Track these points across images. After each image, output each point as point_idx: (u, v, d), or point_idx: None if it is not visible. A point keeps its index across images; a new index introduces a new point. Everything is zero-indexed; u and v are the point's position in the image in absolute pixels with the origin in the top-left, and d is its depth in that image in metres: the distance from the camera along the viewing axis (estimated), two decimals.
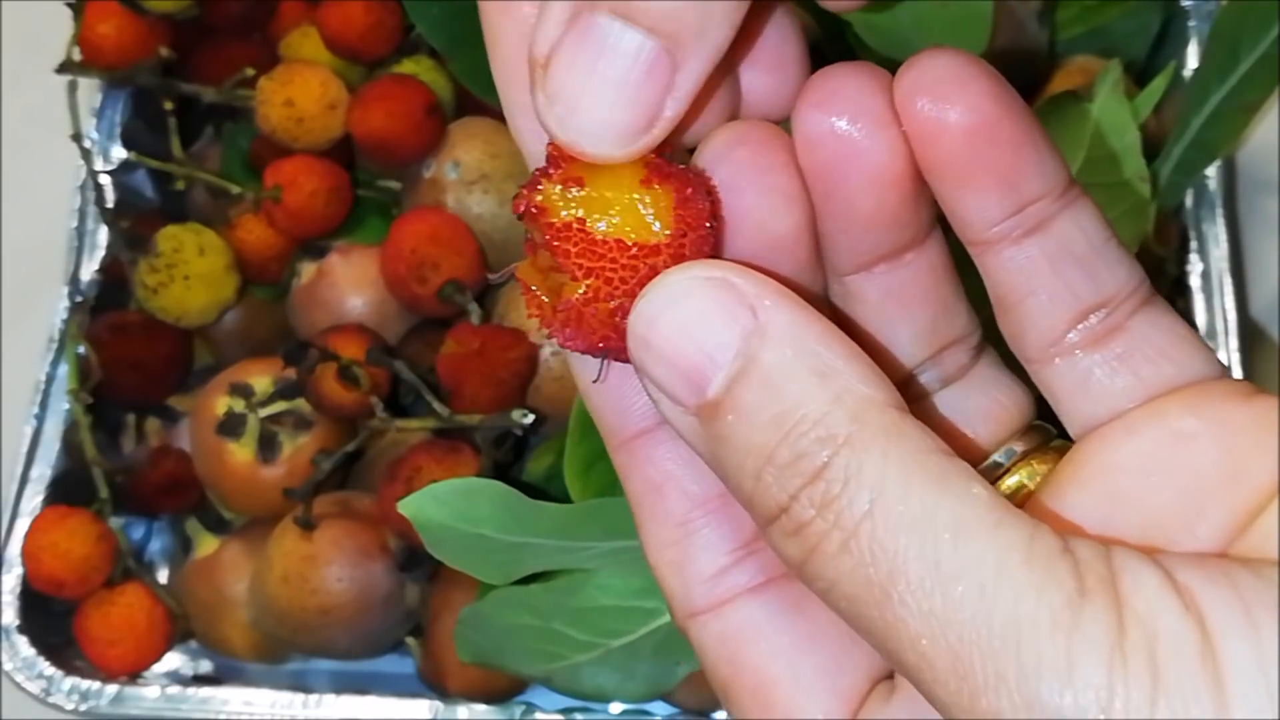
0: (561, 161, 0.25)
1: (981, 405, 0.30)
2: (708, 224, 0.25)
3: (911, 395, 0.29)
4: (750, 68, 0.27)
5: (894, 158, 0.26)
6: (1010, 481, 0.29)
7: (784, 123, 0.27)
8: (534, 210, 0.25)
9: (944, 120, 0.25)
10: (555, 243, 0.25)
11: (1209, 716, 0.19)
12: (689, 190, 0.25)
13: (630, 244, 0.25)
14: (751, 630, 0.27)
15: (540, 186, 0.25)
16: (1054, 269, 0.26)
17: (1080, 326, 0.27)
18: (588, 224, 0.25)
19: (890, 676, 0.27)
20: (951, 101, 0.25)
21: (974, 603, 0.20)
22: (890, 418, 0.23)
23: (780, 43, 0.27)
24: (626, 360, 0.25)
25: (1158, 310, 0.27)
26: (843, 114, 0.25)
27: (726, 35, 0.24)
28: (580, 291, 0.25)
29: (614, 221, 0.25)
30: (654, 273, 0.25)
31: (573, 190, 0.25)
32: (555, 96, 0.24)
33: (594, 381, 0.27)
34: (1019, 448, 0.29)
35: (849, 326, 0.27)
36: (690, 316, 0.24)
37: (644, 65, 0.24)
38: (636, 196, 0.25)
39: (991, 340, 0.30)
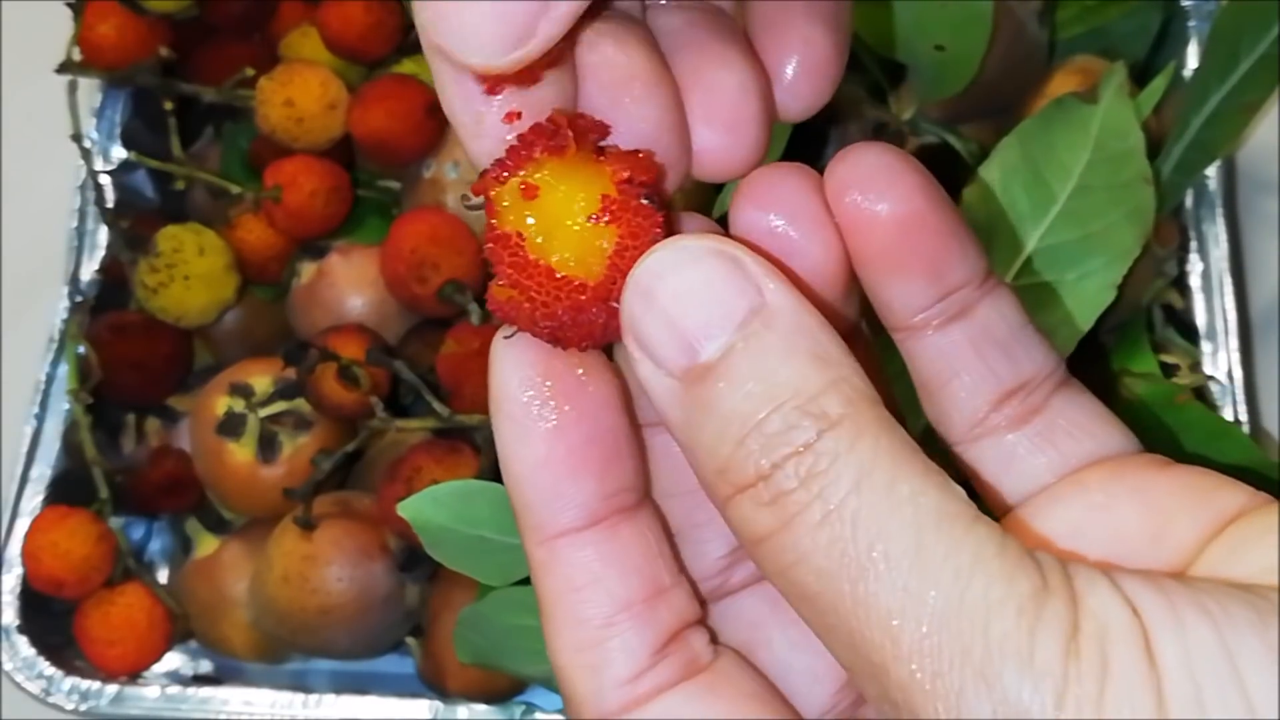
0: (523, 161, 0.25)
1: None
2: None
3: None
4: (707, 125, 0.27)
5: (828, 256, 0.27)
6: None
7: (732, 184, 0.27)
8: (488, 200, 0.26)
9: (875, 212, 0.26)
10: (491, 245, 0.25)
11: (1149, 703, 0.20)
12: (634, 234, 0.25)
13: (559, 275, 0.25)
14: (673, 717, 0.26)
15: (499, 181, 0.25)
16: (977, 353, 0.28)
17: (1002, 408, 0.28)
18: (525, 242, 0.25)
19: None
20: (882, 194, 0.26)
21: (949, 583, 0.21)
22: (881, 413, 0.23)
23: (739, 101, 0.27)
24: (556, 339, 0.25)
25: (1074, 389, 0.29)
26: (780, 213, 0.26)
27: None
28: (506, 294, 0.25)
29: (551, 246, 0.25)
30: (575, 307, 0.25)
31: (522, 200, 0.25)
32: (439, 12, 0.24)
33: (504, 337, 0.26)
34: None
35: None
36: (698, 280, 0.24)
37: None
38: (581, 227, 0.25)
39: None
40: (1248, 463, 0.48)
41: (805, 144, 0.63)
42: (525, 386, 0.26)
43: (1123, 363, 0.56)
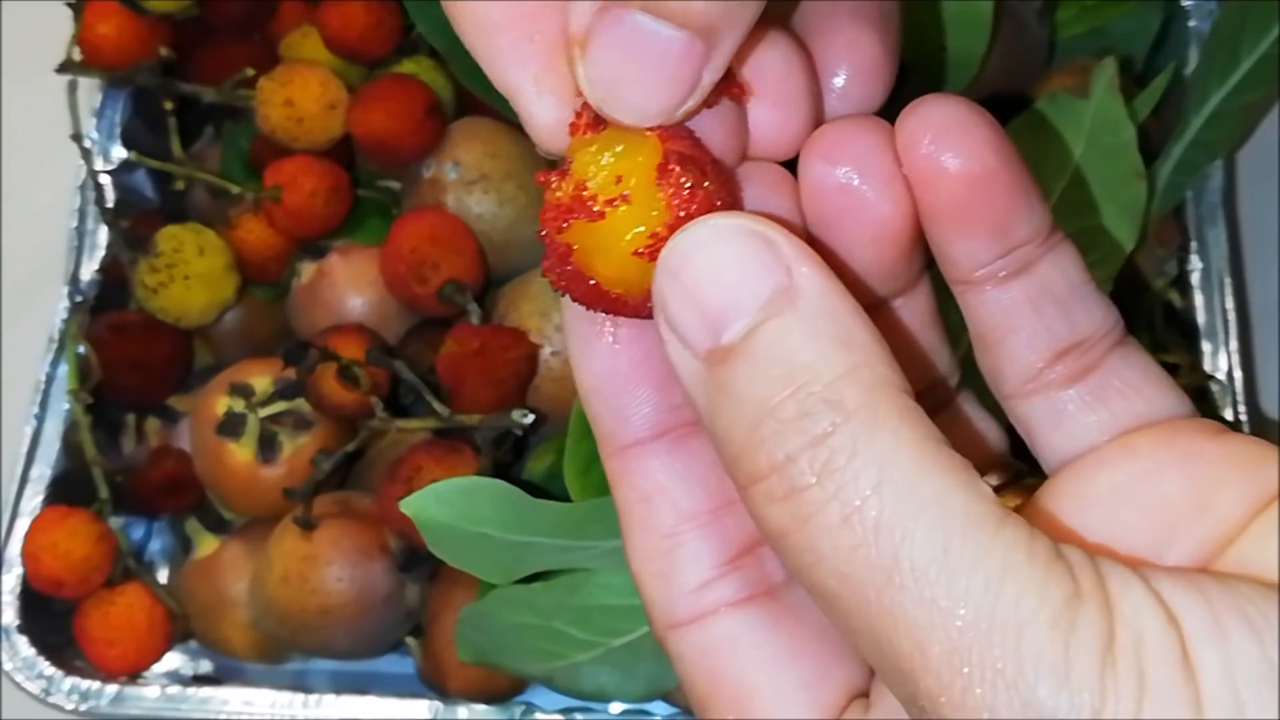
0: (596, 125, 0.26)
1: (958, 441, 0.30)
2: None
3: None
4: (757, 103, 0.27)
5: (896, 212, 0.26)
6: None
7: (790, 162, 0.27)
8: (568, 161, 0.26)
9: (946, 167, 0.26)
10: (545, 234, 0.26)
11: (1189, 718, 0.20)
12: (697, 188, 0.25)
13: (599, 287, 0.26)
14: (733, 642, 0.27)
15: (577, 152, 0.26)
16: (1035, 310, 0.27)
17: (1056, 365, 0.28)
18: (574, 253, 0.25)
19: (866, 694, 0.27)
20: (954, 149, 0.26)
21: (979, 594, 0.21)
22: (904, 402, 0.23)
23: (786, 77, 0.27)
24: (596, 305, 0.26)
25: (1131, 349, 0.28)
26: (850, 167, 0.26)
27: (752, 18, 0.24)
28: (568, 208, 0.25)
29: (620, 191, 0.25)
30: (624, 301, 0.26)
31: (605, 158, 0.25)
32: (597, 80, 0.24)
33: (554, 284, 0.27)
34: (992, 482, 0.30)
35: None
36: (725, 260, 0.24)
37: (679, 53, 0.24)
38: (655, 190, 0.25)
39: (968, 377, 0.30)
40: None
41: None
42: None
43: None
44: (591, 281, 0.25)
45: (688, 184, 0.25)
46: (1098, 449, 0.27)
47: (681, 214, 0.25)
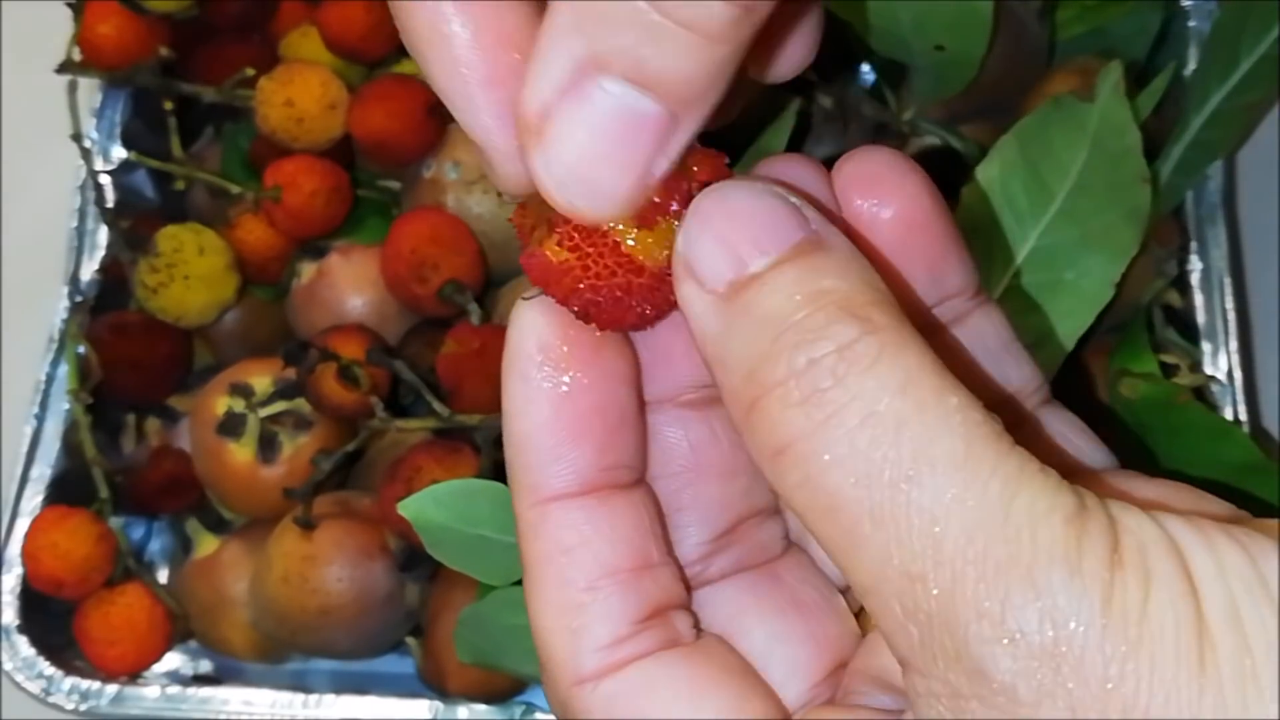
0: None
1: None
2: None
3: None
4: None
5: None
6: None
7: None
8: None
9: (880, 213, 0.26)
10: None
11: (1189, 611, 0.20)
12: None
13: (623, 250, 0.25)
14: (648, 685, 0.26)
15: None
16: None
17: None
18: None
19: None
20: (888, 197, 0.26)
21: (996, 492, 0.21)
22: (923, 339, 0.23)
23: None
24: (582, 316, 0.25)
25: (1057, 406, 0.29)
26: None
27: (722, 93, 0.24)
28: (559, 256, 0.25)
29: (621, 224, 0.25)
30: (624, 287, 0.25)
31: None
32: (553, 161, 0.24)
33: (525, 298, 0.27)
34: None
35: None
36: (760, 207, 0.24)
37: (648, 128, 0.24)
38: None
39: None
40: (1248, 463, 0.48)
41: (801, 143, 0.63)
42: (542, 348, 0.26)
43: (1123, 363, 0.56)
44: (623, 250, 0.25)
45: (705, 156, 0.25)
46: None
47: (705, 177, 0.25)
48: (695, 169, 0.25)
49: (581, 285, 0.25)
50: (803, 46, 0.29)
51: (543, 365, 0.26)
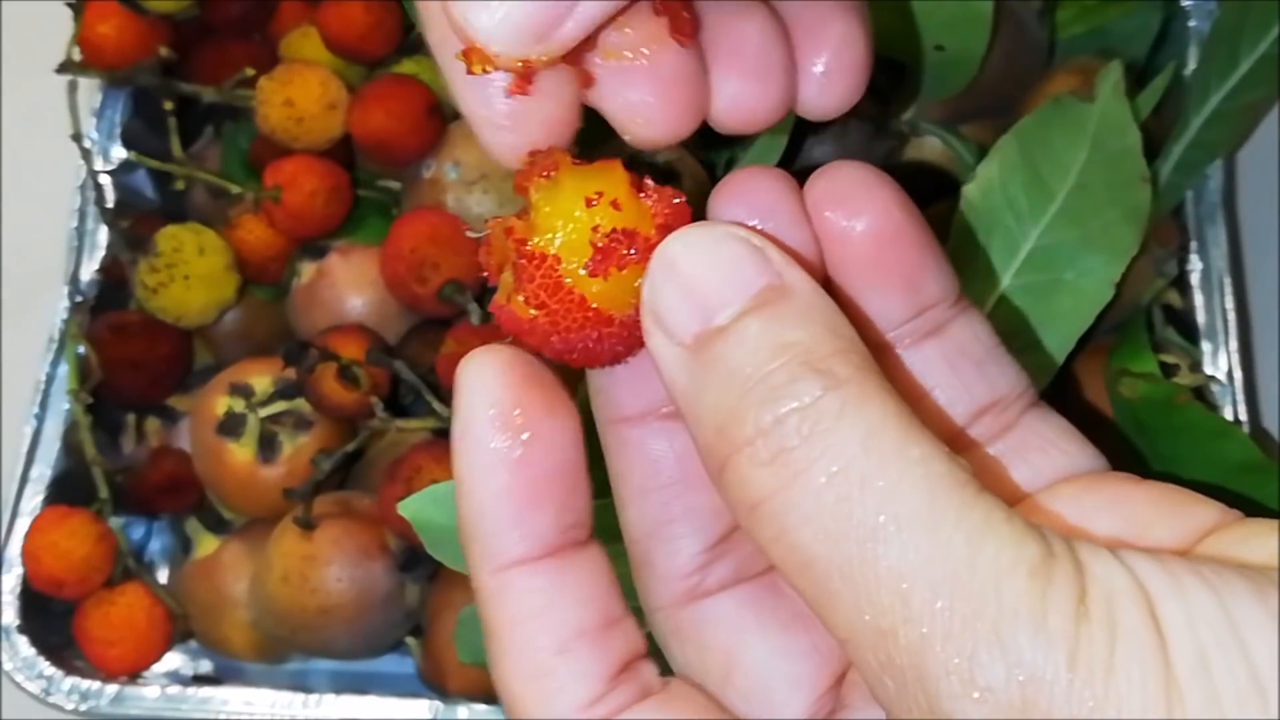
0: (550, 162, 0.26)
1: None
2: None
3: None
4: (730, 73, 0.27)
5: (805, 255, 0.27)
6: None
7: (760, 135, 0.28)
8: (527, 203, 0.26)
9: (852, 226, 0.27)
10: (522, 261, 0.26)
11: (1157, 663, 0.20)
12: None
13: (591, 307, 0.25)
14: None
15: (541, 174, 0.26)
16: (951, 369, 0.28)
17: (976, 424, 0.28)
18: (561, 265, 0.25)
19: None
20: (859, 209, 0.27)
21: (961, 545, 0.21)
22: (888, 385, 0.23)
23: (764, 49, 0.27)
24: (567, 359, 0.26)
25: (1044, 409, 0.29)
26: (758, 211, 0.27)
27: None
28: (527, 313, 0.26)
29: (582, 276, 0.25)
30: (598, 339, 0.26)
31: (558, 220, 0.26)
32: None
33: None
34: None
35: None
36: (724, 256, 0.24)
37: None
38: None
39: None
40: (1248, 463, 0.48)
41: (801, 143, 0.63)
42: (496, 412, 0.25)
43: (1123, 363, 0.56)
44: (590, 304, 0.25)
45: (660, 197, 0.26)
46: (1024, 501, 0.28)
47: (663, 220, 0.26)
48: (653, 213, 0.26)
49: (553, 339, 0.26)
50: (846, 75, 0.29)
51: (498, 429, 0.25)
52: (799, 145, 0.62)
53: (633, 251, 0.25)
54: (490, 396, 0.26)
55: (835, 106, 0.29)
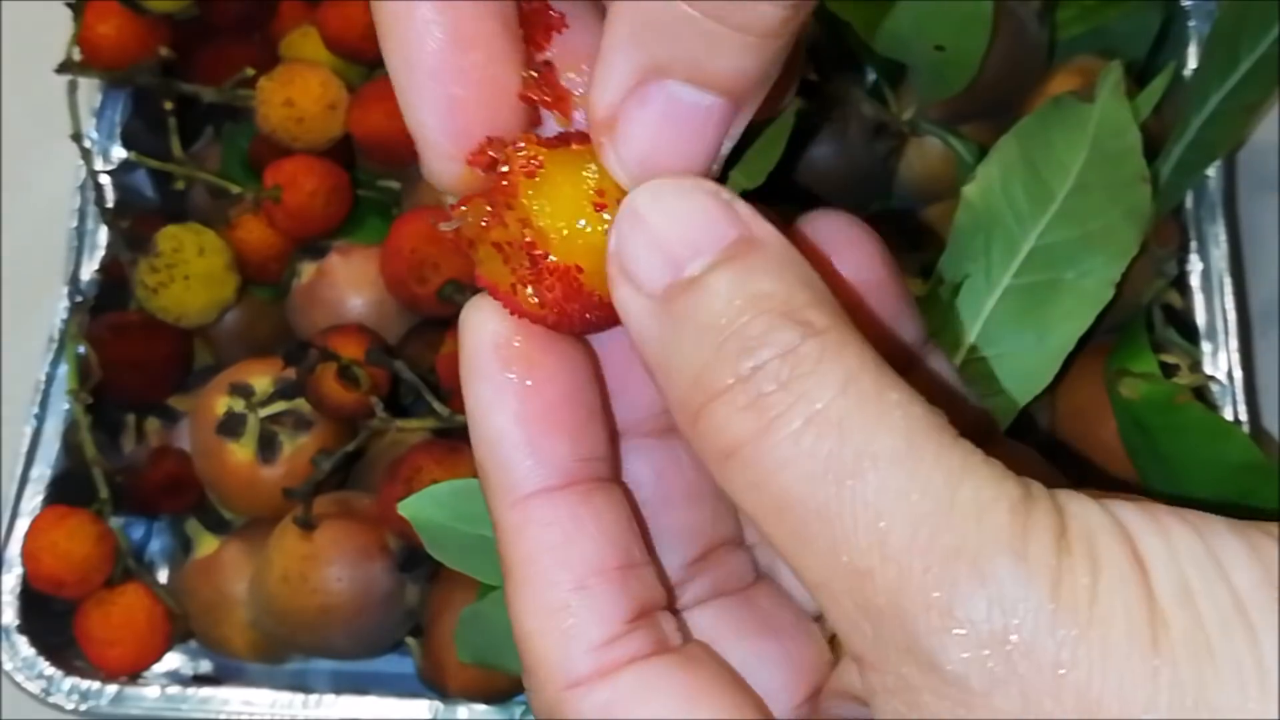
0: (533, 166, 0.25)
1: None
2: None
3: None
4: None
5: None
6: None
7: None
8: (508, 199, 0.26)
9: (842, 277, 0.27)
10: (540, 269, 0.25)
11: (1140, 593, 0.20)
12: None
13: (586, 291, 0.25)
14: (641, 692, 0.25)
15: (527, 175, 0.25)
16: None
17: None
18: (582, 276, 0.25)
19: None
20: (846, 260, 0.28)
21: (941, 483, 0.21)
22: (863, 337, 0.23)
23: None
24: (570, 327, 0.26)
25: (1011, 444, 0.31)
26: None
27: (776, 76, 0.25)
28: (529, 302, 0.26)
29: (571, 252, 0.25)
30: (597, 323, 0.26)
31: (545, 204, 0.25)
32: (630, 159, 0.24)
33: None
34: None
35: None
36: (691, 208, 0.24)
37: (714, 121, 0.24)
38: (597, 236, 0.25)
39: None
40: (1248, 463, 0.48)
41: (801, 143, 0.63)
42: (498, 345, 0.26)
43: (1123, 363, 0.56)
44: (594, 299, 0.25)
45: None
46: None
47: None
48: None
49: (548, 316, 0.26)
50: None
51: (503, 362, 0.26)
52: (799, 147, 0.62)
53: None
54: (492, 330, 0.26)
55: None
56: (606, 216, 0.25)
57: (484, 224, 0.26)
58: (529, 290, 0.25)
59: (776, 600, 0.30)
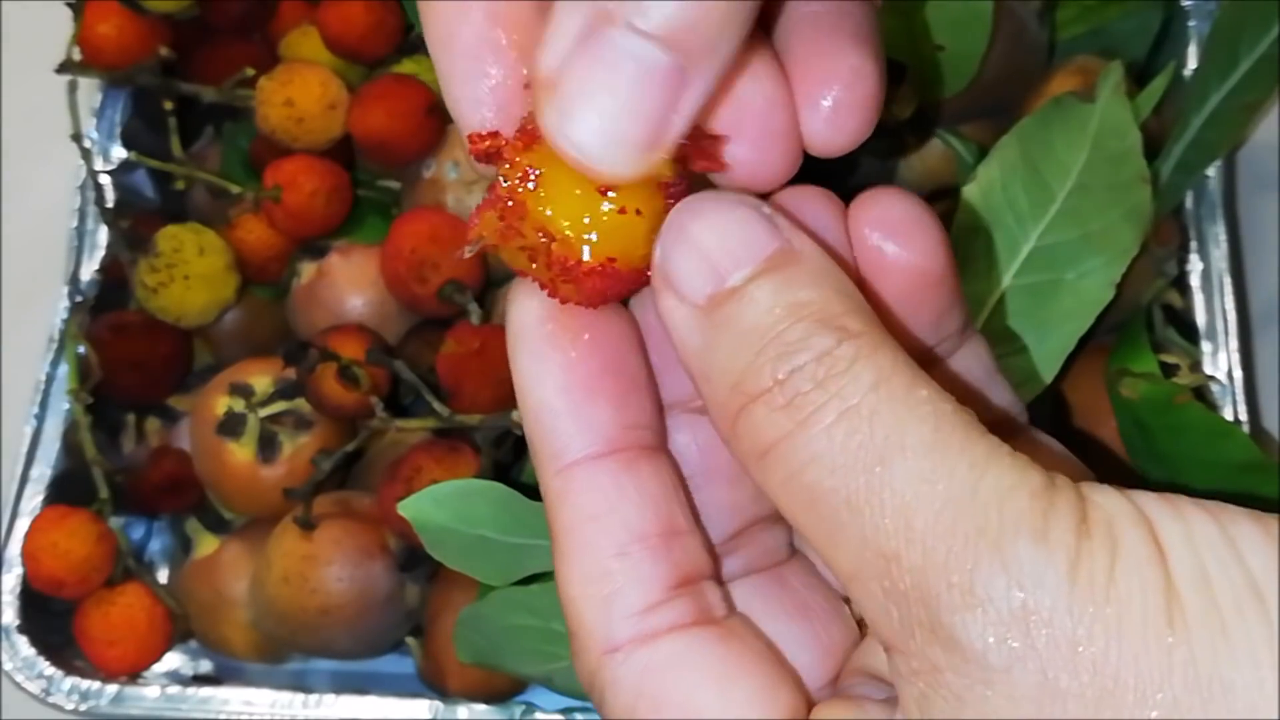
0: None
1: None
2: None
3: None
4: (737, 138, 0.27)
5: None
6: None
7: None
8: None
9: (899, 261, 0.27)
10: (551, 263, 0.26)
11: (1157, 575, 0.21)
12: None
13: (614, 267, 0.25)
14: (679, 661, 0.26)
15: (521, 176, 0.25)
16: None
17: None
18: (571, 256, 0.25)
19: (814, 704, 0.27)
20: (908, 246, 0.27)
21: (965, 470, 0.22)
22: (895, 340, 0.24)
23: (769, 113, 0.27)
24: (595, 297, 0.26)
25: (1034, 431, 0.30)
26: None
27: (734, 50, 0.24)
28: (572, 293, 0.26)
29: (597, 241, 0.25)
30: (617, 294, 0.26)
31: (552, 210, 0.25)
32: (566, 114, 0.24)
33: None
34: None
35: None
36: (735, 220, 0.25)
37: (656, 79, 0.24)
38: (625, 219, 0.25)
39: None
40: (1248, 463, 0.48)
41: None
42: (543, 319, 0.27)
43: (1123, 363, 0.56)
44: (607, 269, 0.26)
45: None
46: None
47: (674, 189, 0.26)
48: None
49: (593, 305, 0.27)
50: (856, 111, 0.28)
51: (549, 334, 0.27)
52: None
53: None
54: (538, 305, 0.27)
55: (844, 144, 0.28)
56: (612, 194, 0.25)
57: (502, 236, 0.26)
58: (569, 286, 0.26)
59: (807, 579, 0.30)
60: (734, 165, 0.27)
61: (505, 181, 0.25)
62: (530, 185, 0.25)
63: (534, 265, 0.26)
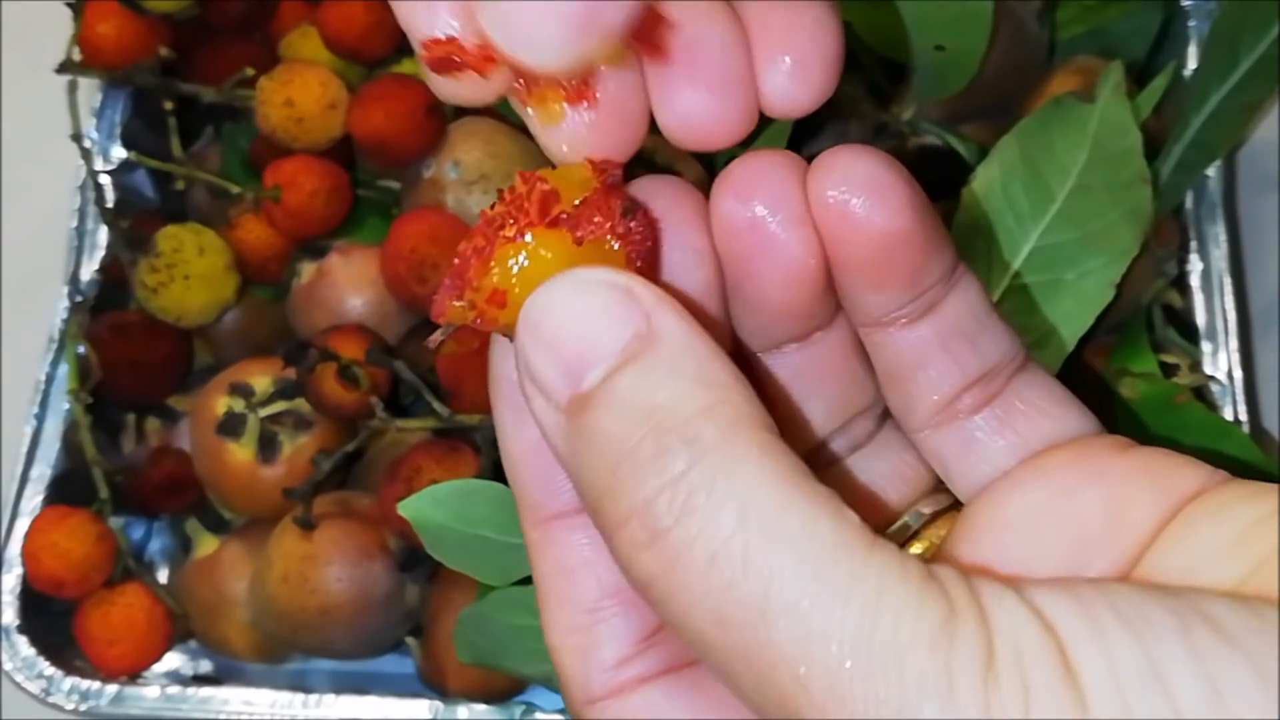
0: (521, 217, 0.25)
1: (891, 468, 0.30)
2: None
3: (823, 461, 0.30)
4: (691, 86, 0.26)
5: (808, 254, 0.26)
6: (919, 547, 0.30)
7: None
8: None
9: (861, 225, 0.25)
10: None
11: (1074, 718, 0.19)
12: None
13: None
14: (651, 710, 0.26)
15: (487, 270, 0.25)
16: (943, 346, 0.27)
17: (964, 396, 0.28)
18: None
19: None
20: (872, 208, 0.25)
21: (855, 622, 0.20)
22: (765, 438, 0.22)
23: (725, 59, 0.26)
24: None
25: (1034, 372, 0.28)
26: (761, 204, 0.26)
27: None
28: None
29: None
30: None
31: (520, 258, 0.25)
32: (500, 23, 0.23)
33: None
34: (926, 510, 0.30)
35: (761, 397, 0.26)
36: (585, 310, 0.23)
37: None
38: None
39: None
40: (1248, 463, 0.48)
41: (801, 143, 0.63)
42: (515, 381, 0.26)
43: (1123, 363, 0.56)
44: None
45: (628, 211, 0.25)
46: (1009, 473, 0.27)
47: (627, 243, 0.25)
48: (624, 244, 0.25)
49: None
50: (818, 68, 0.27)
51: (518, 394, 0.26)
52: (800, 145, 0.62)
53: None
54: (508, 366, 0.26)
55: (807, 102, 0.27)
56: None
57: (474, 323, 0.26)
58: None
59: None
60: (690, 116, 0.26)
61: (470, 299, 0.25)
62: (500, 305, 0.25)
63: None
